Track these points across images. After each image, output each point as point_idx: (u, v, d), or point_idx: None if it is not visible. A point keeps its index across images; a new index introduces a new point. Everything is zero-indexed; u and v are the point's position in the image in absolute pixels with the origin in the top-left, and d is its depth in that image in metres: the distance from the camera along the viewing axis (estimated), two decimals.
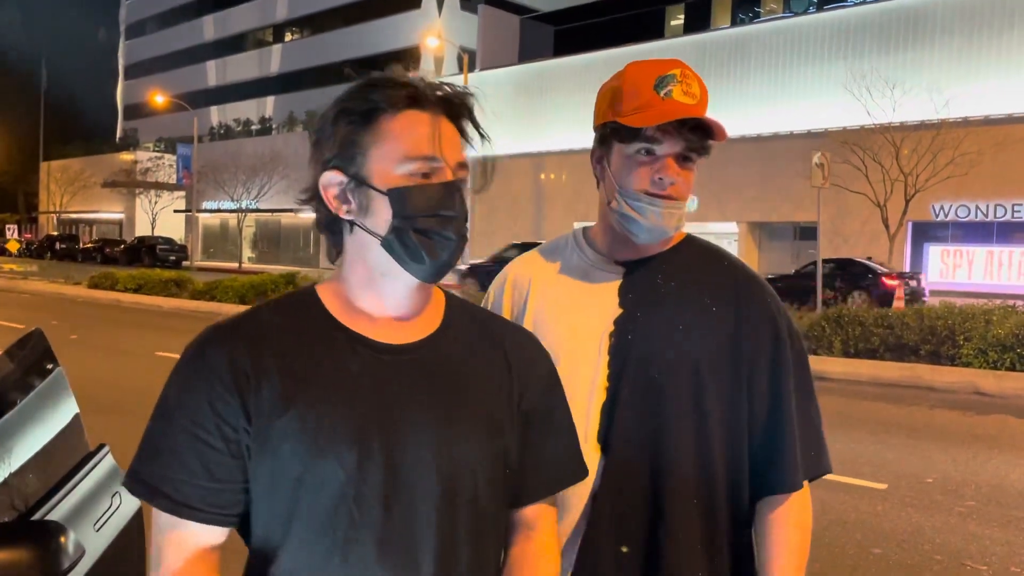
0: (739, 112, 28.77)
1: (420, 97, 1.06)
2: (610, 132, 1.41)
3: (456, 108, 1.08)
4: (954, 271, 26.59)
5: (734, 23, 34.96)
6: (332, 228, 1.11)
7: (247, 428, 1.01)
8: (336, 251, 1.12)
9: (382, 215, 1.05)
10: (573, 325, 1.44)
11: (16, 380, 1.72)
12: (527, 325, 1.47)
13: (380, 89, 1.05)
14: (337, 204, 1.07)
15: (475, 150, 1.12)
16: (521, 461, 1.15)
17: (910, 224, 25.33)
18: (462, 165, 1.08)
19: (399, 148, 1.04)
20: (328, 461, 1.00)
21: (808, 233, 27.27)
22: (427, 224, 1.04)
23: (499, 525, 1.14)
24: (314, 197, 1.09)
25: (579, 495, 1.38)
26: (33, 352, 1.77)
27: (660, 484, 1.37)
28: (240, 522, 1.05)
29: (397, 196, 1.04)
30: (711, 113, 1.35)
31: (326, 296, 1.11)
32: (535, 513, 1.19)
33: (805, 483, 1.42)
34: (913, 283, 19.69)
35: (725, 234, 29.17)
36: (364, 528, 1.00)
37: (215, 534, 1.03)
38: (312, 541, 1.01)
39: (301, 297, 1.12)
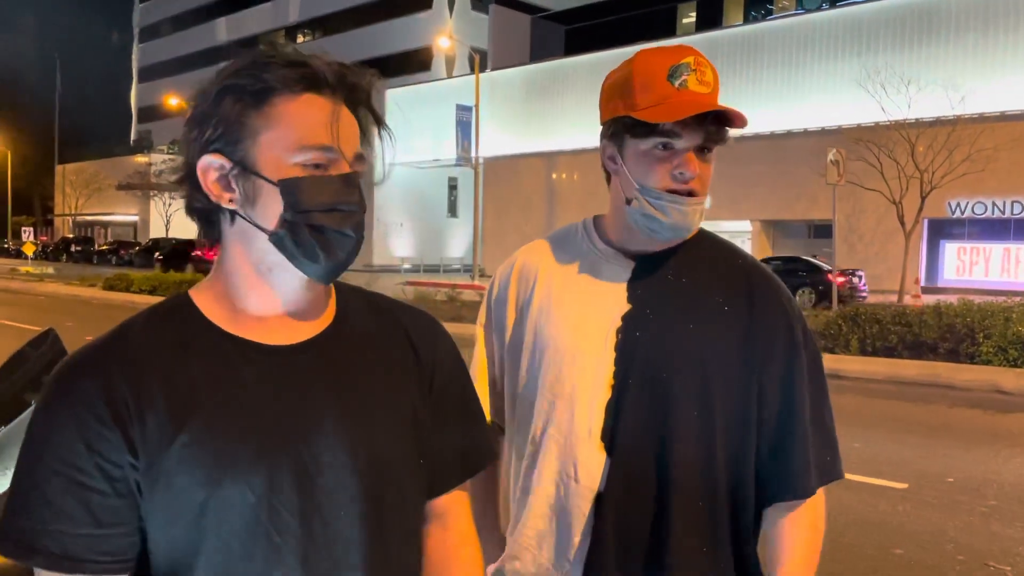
0: (752, 110, 28.37)
1: (318, 79, 0.95)
2: (623, 127, 1.36)
3: (356, 93, 0.99)
4: (971, 268, 26.38)
5: (746, 20, 34.82)
6: (207, 216, 1.00)
7: (133, 463, 0.90)
8: (211, 241, 1.01)
9: (271, 207, 0.94)
10: (579, 320, 1.40)
11: (31, 379, 1.70)
12: (532, 316, 1.44)
13: (274, 68, 0.94)
14: (218, 191, 0.96)
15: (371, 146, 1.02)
16: (435, 447, 1.08)
17: (926, 221, 25.14)
18: (359, 157, 0.98)
19: (293, 135, 0.93)
20: (234, 484, 0.91)
21: (823, 231, 27.11)
22: (323, 220, 0.94)
23: (421, 519, 1.09)
24: (186, 180, 0.99)
25: (583, 496, 1.35)
26: (47, 352, 1.75)
27: (666, 486, 1.33)
28: (136, 566, 0.93)
29: (290, 188, 0.93)
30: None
31: (204, 301, 1.00)
32: (448, 500, 1.12)
33: (820, 489, 1.39)
34: (855, 280, 20.36)
35: (739, 232, 29.06)
36: (285, 548, 0.92)
37: None
38: (228, 573, 0.92)
39: (175, 306, 1.01)
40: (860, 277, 21.22)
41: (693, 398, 1.34)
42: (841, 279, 19.47)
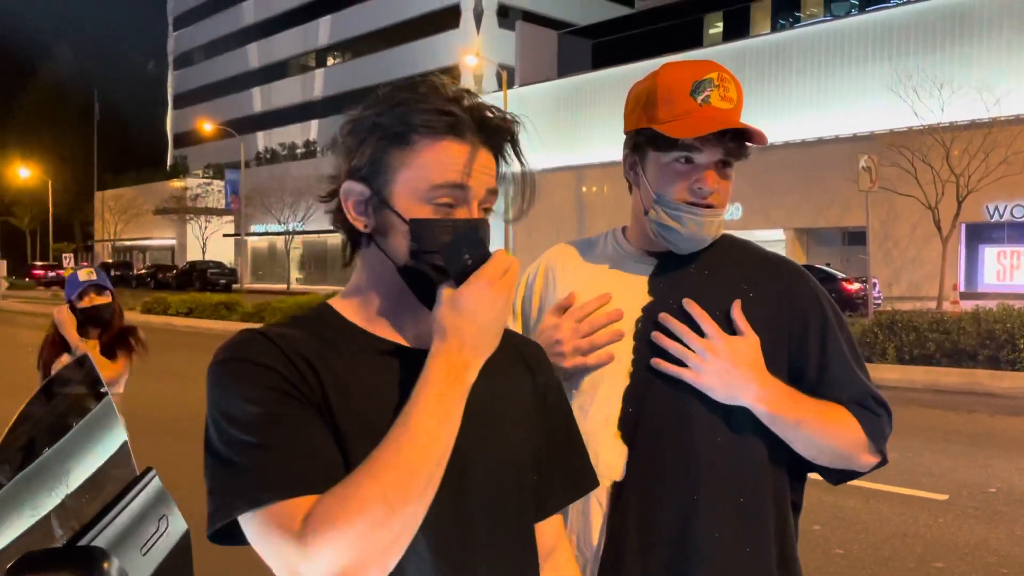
0: (782, 118, 28.42)
1: (459, 125, 1.00)
2: (645, 139, 1.38)
3: (497, 137, 1.03)
4: (1011, 273, 25.83)
5: (774, 29, 34.59)
6: (349, 233, 1.07)
7: (320, 408, 0.96)
8: (350, 254, 1.09)
9: (400, 241, 1.01)
10: (599, 312, 1.42)
11: (71, 404, 1.75)
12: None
13: (420, 112, 0.99)
14: (355, 215, 1.04)
15: (510, 167, 1.07)
16: (544, 465, 1.13)
17: (963, 226, 24.70)
18: (492, 192, 1.04)
19: (428, 175, 0.99)
20: None
21: (857, 238, 26.76)
22: (443, 260, 0.99)
23: (534, 537, 1.12)
24: (333, 197, 1.06)
25: (600, 485, 1.34)
26: (85, 376, 1.80)
27: (690, 475, 1.33)
28: None
29: (418, 228, 0.99)
30: (752, 119, 1.32)
31: (344, 308, 1.08)
32: (554, 537, 1.17)
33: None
34: (869, 288, 20.14)
35: (772, 241, 28.78)
36: (419, 538, 0.95)
37: None
38: None
39: (317, 312, 1.08)
40: (874, 284, 20.98)
41: None
42: (855, 287, 19.49)
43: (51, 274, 48.04)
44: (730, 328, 1.36)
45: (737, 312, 1.35)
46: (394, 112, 1.00)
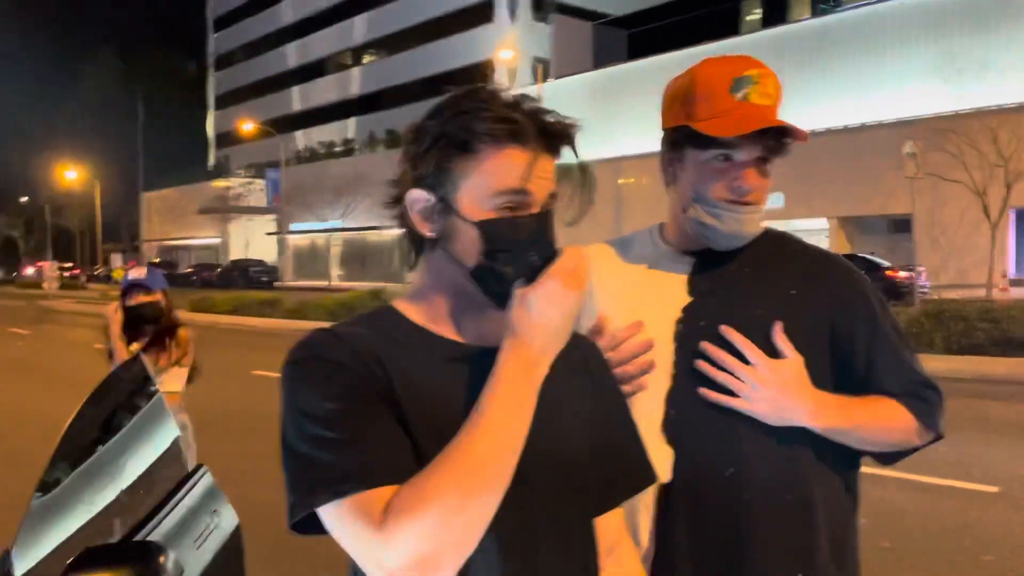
0: (823, 104, 27.95)
1: (521, 132, 1.02)
2: (683, 137, 1.38)
3: (557, 141, 1.06)
4: None
5: (814, 14, 34.01)
6: (413, 239, 1.11)
7: (390, 403, 1.00)
8: (414, 258, 1.12)
9: (468, 244, 1.04)
10: (637, 313, 1.41)
11: (123, 402, 1.80)
12: (590, 312, 1.46)
13: (483, 120, 1.02)
14: (420, 221, 1.07)
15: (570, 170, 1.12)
16: (603, 463, 1.14)
17: (1013, 212, 24.10)
18: (552, 196, 1.06)
19: (491, 183, 1.02)
20: None
21: (903, 226, 26.22)
22: (510, 259, 1.03)
23: (595, 531, 1.14)
24: (398, 203, 1.10)
25: (648, 493, 1.34)
26: (137, 375, 1.85)
27: (741, 477, 1.32)
28: None
29: (486, 228, 1.03)
30: (792, 106, 1.31)
31: (407, 309, 1.12)
32: (616, 532, 1.19)
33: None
34: (915, 276, 19.65)
35: (814, 231, 28.34)
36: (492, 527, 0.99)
37: None
38: None
39: (381, 312, 1.13)
40: (920, 273, 20.57)
41: None
42: (900, 275, 19.29)
43: (66, 275, 49.01)
44: (773, 318, 1.35)
45: (779, 335, 1.34)
46: (457, 121, 1.03)
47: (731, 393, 1.33)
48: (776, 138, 1.34)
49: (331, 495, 0.94)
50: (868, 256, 21.87)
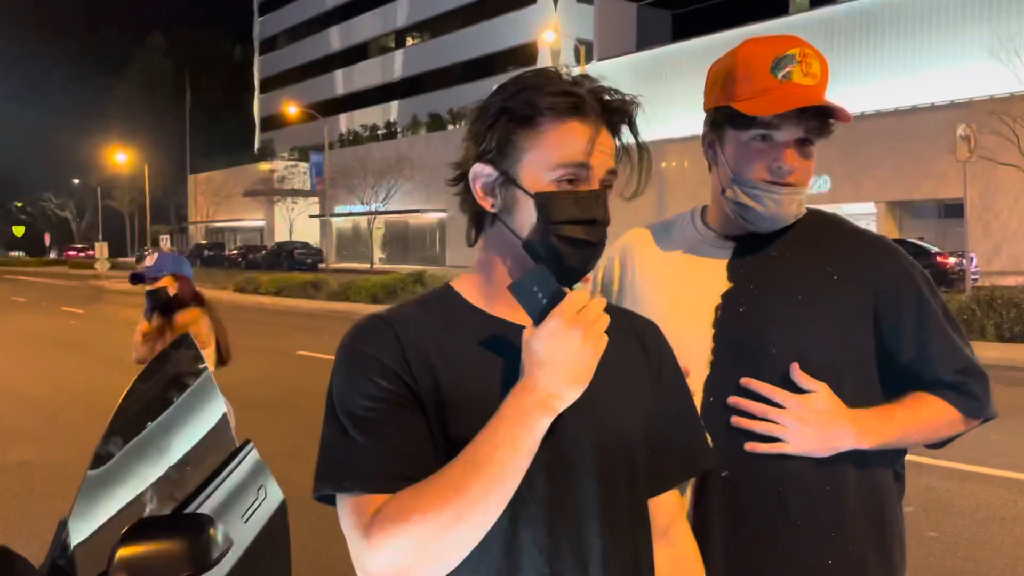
0: (872, 86, 27.31)
1: (583, 106, 1.04)
2: (723, 117, 1.36)
3: (619, 115, 1.08)
4: None
5: None
6: (474, 215, 1.12)
7: (417, 398, 1.02)
8: (475, 235, 1.14)
9: (526, 217, 1.06)
10: (676, 299, 1.41)
11: (172, 379, 1.85)
12: (631, 297, 1.47)
13: (546, 95, 1.04)
14: (483, 195, 1.09)
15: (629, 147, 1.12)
16: (658, 442, 1.15)
17: None
18: (611, 172, 1.08)
19: (554, 155, 1.04)
20: None
21: (954, 211, 25.60)
22: (570, 231, 1.04)
23: (647, 511, 1.15)
24: (461, 180, 1.11)
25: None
26: (186, 353, 1.89)
27: (777, 466, 1.31)
28: None
29: (544, 201, 1.04)
30: (841, 88, 1.28)
31: (465, 289, 1.13)
32: (670, 511, 1.19)
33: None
34: (965, 262, 19.06)
35: (862, 215, 27.78)
36: (533, 508, 1.01)
37: None
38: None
39: (439, 294, 1.14)
40: (972, 259, 20.04)
41: (811, 371, 1.31)
42: (951, 261, 18.91)
43: (82, 255, 49.80)
44: (813, 311, 1.34)
45: (798, 374, 1.31)
46: (521, 96, 1.05)
47: (780, 386, 1.32)
48: (819, 119, 1.31)
49: (334, 487, 0.99)
50: (917, 241, 21.38)
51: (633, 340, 1.17)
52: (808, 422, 1.29)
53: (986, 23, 25.55)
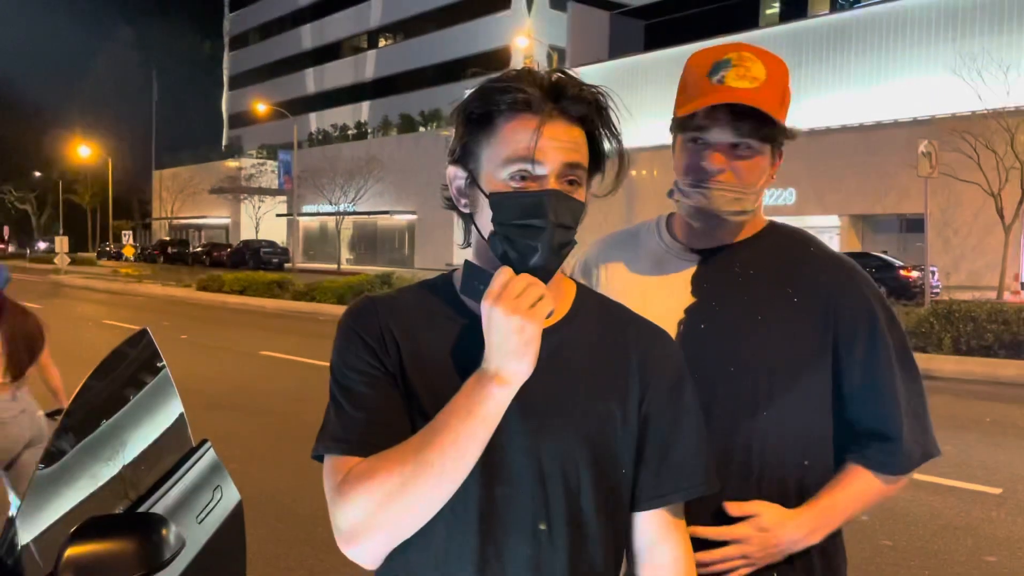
0: (839, 101, 27.73)
1: (532, 100, 1.05)
2: (673, 126, 1.41)
3: (574, 108, 1.06)
4: None
5: (833, 9, 33.74)
6: (463, 219, 1.15)
7: (392, 374, 1.09)
8: (464, 236, 1.16)
9: (486, 216, 1.08)
10: (641, 312, 1.40)
11: (129, 377, 1.81)
12: None
13: (501, 92, 1.06)
14: (457, 197, 1.13)
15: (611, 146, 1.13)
16: (639, 463, 1.13)
17: None
18: (571, 166, 1.06)
19: (504, 152, 1.05)
20: None
21: (915, 225, 26.08)
22: (513, 233, 1.04)
23: (611, 526, 1.11)
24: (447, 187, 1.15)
25: None
26: (143, 351, 1.86)
27: (728, 479, 1.31)
28: None
29: (493, 201, 1.06)
30: (808, 101, 1.30)
31: (459, 281, 1.14)
32: (654, 532, 1.14)
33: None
34: (927, 275, 19.41)
35: (826, 228, 28.21)
36: (468, 509, 1.03)
37: None
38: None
39: (440, 281, 1.18)
40: (933, 272, 20.46)
41: (760, 391, 1.32)
42: (914, 275, 19.21)
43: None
44: (770, 331, 1.34)
45: (731, 506, 1.32)
46: (478, 96, 1.08)
47: (738, 402, 1.34)
48: (753, 120, 1.31)
49: (322, 448, 1.07)
50: (881, 255, 21.75)
51: (622, 349, 1.14)
52: (757, 551, 1.31)
53: (950, 43, 26.11)
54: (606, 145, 1.12)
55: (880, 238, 28.59)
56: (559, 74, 1.08)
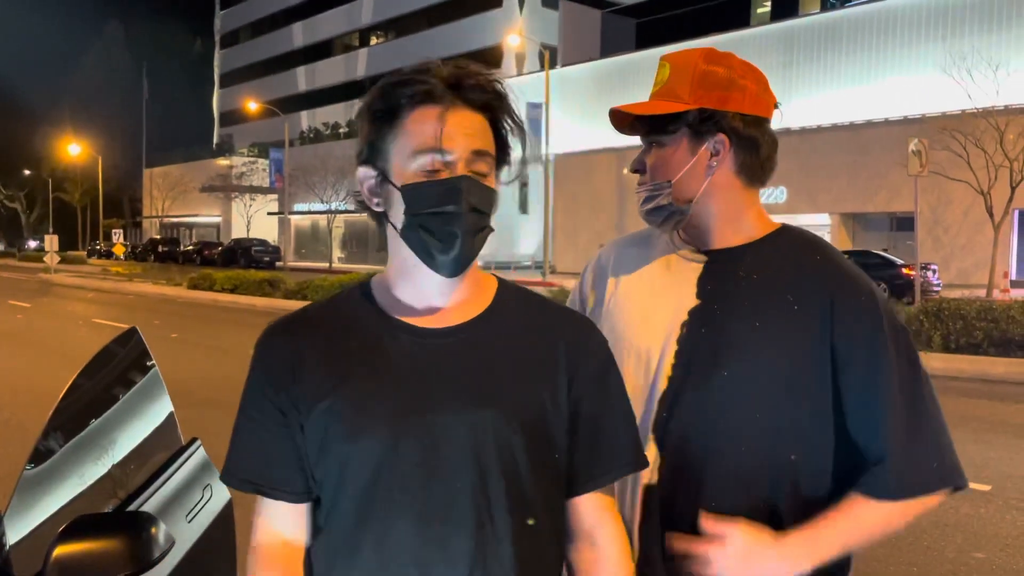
0: (830, 100, 27.83)
1: (434, 91, 1.06)
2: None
3: (475, 96, 1.08)
4: None
5: (824, 8, 33.82)
6: (376, 219, 1.15)
7: (297, 411, 1.09)
8: (381, 238, 1.17)
9: (399, 210, 1.08)
10: (647, 312, 1.41)
11: (118, 376, 1.80)
12: (606, 310, 1.47)
13: (402, 86, 1.07)
14: (369, 197, 1.12)
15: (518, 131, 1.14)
16: (572, 448, 1.14)
17: (1016, 212, 24.05)
18: (479, 153, 1.07)
19: (410, 143, 1.06)
20: (366, 440, 1.06)
21: (906, 224, 26.20)
22: (429, 222, 1.05)
23: (551, 512, 1.13)
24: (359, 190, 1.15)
25: (631, 488, 1.35)
26: (132, 349, 1.85)
27: (716, 485, 1.31)
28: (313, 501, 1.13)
29: (406, 193, 1.06)
30: (800, 100, 1.33)
31: (376, 288, 1.16)
32: (594, 514, 1.17)
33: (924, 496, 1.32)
34: (928, 274, 19.25)
35: (817, 226, 28.28)
36: (404, 505, 1.04)
37: (294, 511, 1.12)
38: (361, 519, 1.06)
39: (354, 290, 1.18)
40: (934, 271, 20.47)
41: (753, 397, 1.31)
42: (913, 273, 19.12)
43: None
44: (768, 339, 1.32)
45: (705, 521, 1.27)
46: (382, 93, 1.09)
47: (729, 407, 1.33)
48: (645, 122, 1.41)
49: (221, 475, 1.13)
50: (881, 253, 21.59)
51: (549, 340, 1.15)
52: (732, 559, 1.24)
53: (941, 42, 26.21)
54: (509, 136, 1.13)
55: (871, 236, 28.71)
56: (457, 65, 1.10)
